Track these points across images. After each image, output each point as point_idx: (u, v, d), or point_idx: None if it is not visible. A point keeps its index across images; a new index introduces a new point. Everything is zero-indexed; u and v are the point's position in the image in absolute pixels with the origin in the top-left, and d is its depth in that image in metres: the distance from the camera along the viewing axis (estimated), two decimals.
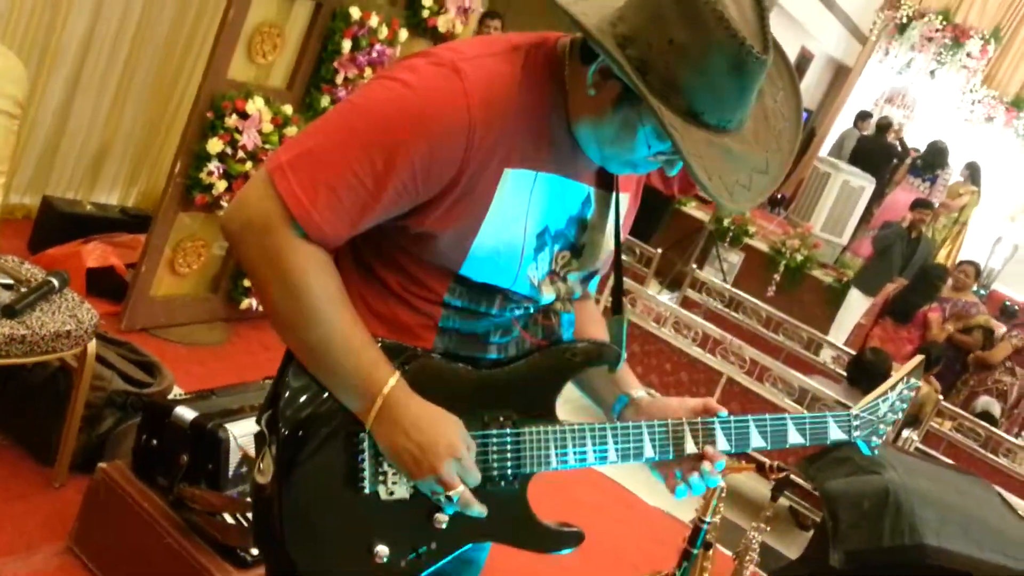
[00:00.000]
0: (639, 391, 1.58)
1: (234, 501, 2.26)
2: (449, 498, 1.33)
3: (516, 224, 1.33)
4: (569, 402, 1.53)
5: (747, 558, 2.67)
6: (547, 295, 1.44)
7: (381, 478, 1.36)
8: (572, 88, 1.31)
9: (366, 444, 1.35)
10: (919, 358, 1.73)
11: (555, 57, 1.32)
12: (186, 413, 2.33)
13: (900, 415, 1.66)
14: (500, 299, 1.39)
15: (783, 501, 4.88)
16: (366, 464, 1.35)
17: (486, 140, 1.25)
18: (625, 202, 1.52)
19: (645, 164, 1.33)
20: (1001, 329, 7.24)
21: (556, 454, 1.43)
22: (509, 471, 1.42)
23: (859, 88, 13.41)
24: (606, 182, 1.45)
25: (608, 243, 1.49)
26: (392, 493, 1.36)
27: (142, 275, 3.67)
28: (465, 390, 1.40)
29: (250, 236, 1.28)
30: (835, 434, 1.57)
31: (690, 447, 1.47)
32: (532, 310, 1.44)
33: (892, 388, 1.65)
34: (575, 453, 1.43)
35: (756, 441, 1.51)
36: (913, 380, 1.69)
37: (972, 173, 10.65)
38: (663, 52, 1.18)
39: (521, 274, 1.37)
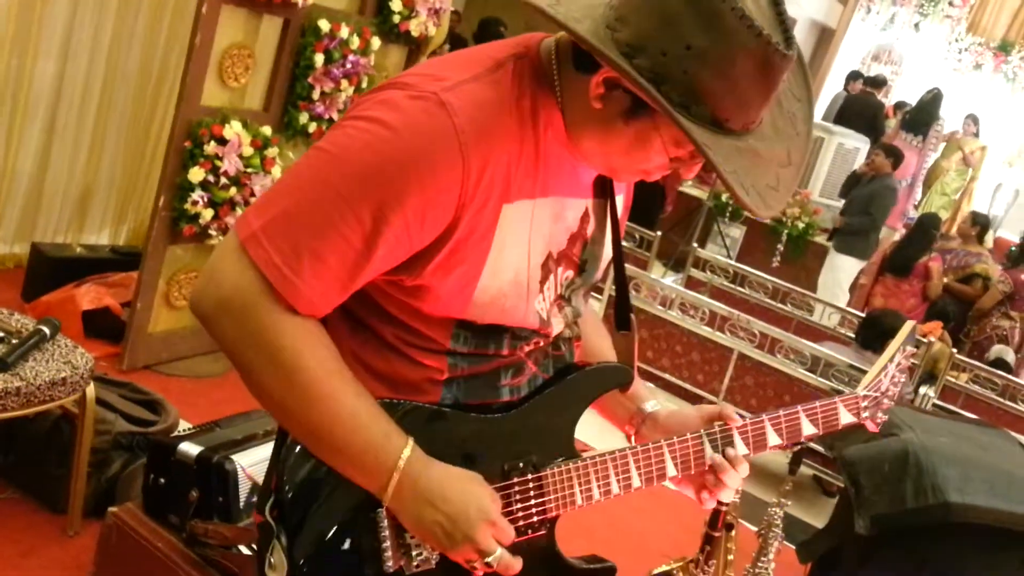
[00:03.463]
0: (653, 404, 1.53)
1: (248, 532, 2.24)
2: (488, 564, 1.24)
3: (519, 259, 1.24)
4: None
5: (771, 535, 2.64)
6: (556, 325, 1.36)
7: (403, 551, 1.27)
8: (568, 100, 1.20)
9: (386, 520, 1.25)
10: (910, 324, 1.69)
11: (541, 66, 1.22)
12: (190, 448, 2.31)
13: (900, 387, 1.63)
14: (509, 338, 1.30)
15: (806, 469, 4.84)
16: (388, 541, 1.26)
17: (482, 179, 1.14)
18: (620, 204, 1.44)
19: (657, 171, 1.24)
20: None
21: (580, 491, 1.36)
22: (535, 518, 1.34)
23: (844, 49, 13.33)
24: (602, 190, 1.37)
25: (608, 252, 1.42)
26: (418, 566, 1.28)
27: (138, 312, 3.65)
28: (481, 441, 1.31)
29: (227, 318, 1.14)
30: (845, 418, 1.54)
31: (710, 454, 1.43)
32: (543, 344, 1.36)
33: (891, 360, 1.62)
34: (600, 486, 1.37)
35: (772, 439, 1.47)
36: (909, 347, 1.65)
37: (976, 126, 10.56)
38: (680, 60, 1.06)
39: (529, 310, 1.29)
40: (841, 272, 7.72)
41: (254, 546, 2.25)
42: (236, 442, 2.35)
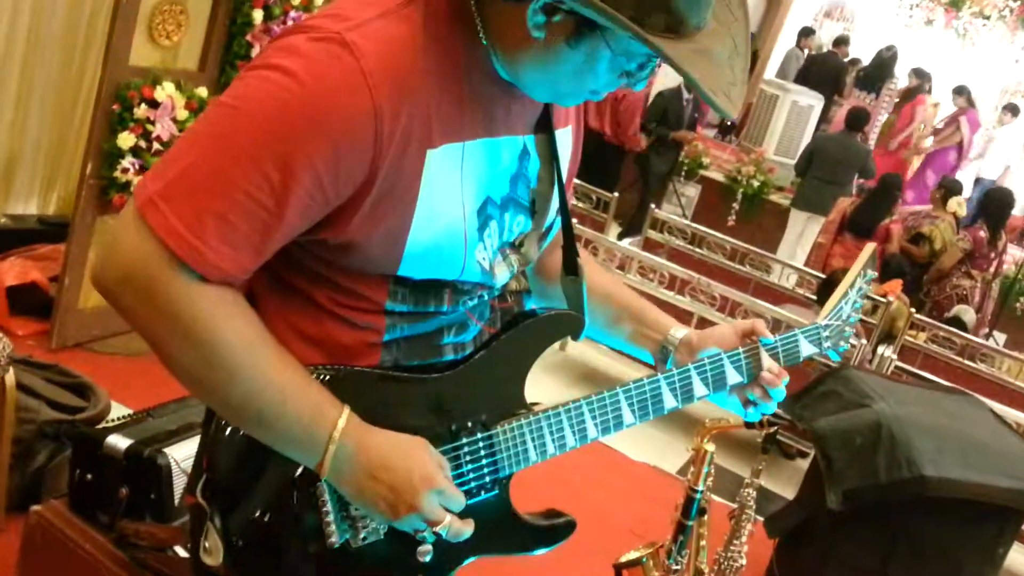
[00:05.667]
0: (679, 330, 1.48)
1: (183, 532, 2.07)
2: (437, 533, 1.18)
3: (452, 207, 1.16)
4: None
5: (743, 516, 2.52)
6: (501, 275, 1.28)
7: (349, 524, 1.20)
8: (497, 33, 1.12)
9: (327, 494, 1.18)
10: (871, 246, 1.65)
11: (457, 1, 1.14)
12: (119, 442, 2.14)
13: (859, 311, 1.61)
14: (449, 293, 1.22)
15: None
16: (331, 515, 1.18)
17: (397, 123, 1.06)
18: (569, 137, 1.37)
19: (606, 88, 1.18)
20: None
21: (534, 447, 1.30)
22: (487, 478, 1.28)
23: (797, 5, 13.25)
24: (542, 125, 1.29)
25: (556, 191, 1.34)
26: (365, 538, 1.21)
27: (67, 287, 3.45)
28: (424, 404, 1.23)
29: (131, 292, 1.05)
30: (807, 350, 1.52)
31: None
32: (487, 297, 1.28)
33: (851, 286, 1.58)
34: (554, 440, 1.31)
35: (732, 378, 1.43)
36: (869, 272, 1.61)
37: (923, 80, 10.54)
38: None
39: (469, 260, 1.20)
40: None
41: (190, 547, 2.10)
42: (170, 433, 2.19)
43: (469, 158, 1.17)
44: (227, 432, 1.16)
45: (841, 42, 11.44)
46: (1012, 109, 10.84)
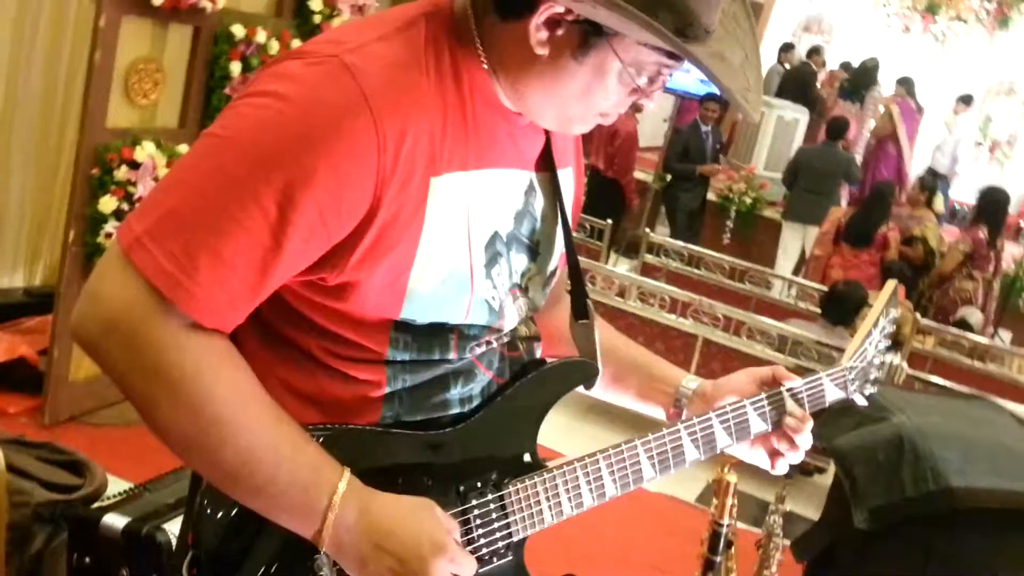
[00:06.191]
0: (691, 380, 1.40)
1: None
2: None
3: (458, 242, 1.09)
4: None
5: (771, 545, 2.44)
6: (510, 319, 1.20)
7: None
8: (498, 56, 1.07)
9: (326, 568, 1.08)
10: (892, 283, 1.57)
11: (457, 24, 1.08)
12: (116, 521, 2.06)
13: (884, 353, 1.55)
14: (456, 338, 1.14)
15: None
16: None
17: (401, 149, 1.00)
18: (570, 177, 1.30)
19: (615, 109, 1.13)
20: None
21: (549, 507, 1.20)
22: (500, 544, 1.18)
23: (774, 22, 13.33)
24: (545, 163, 1.23)
25: (560, 232, 1.28)
26: None
27: (56, 360, 3.38)
28: (430, 463, 1.15)
29: (114, 342, 0.97)
30: (833, 394, 1.43)
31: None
32: (495, 344, 1.20)
33: (874, 325, 1.50)
34: (571, 499, 1.22)
35: (757, 426, 1.35)
36: (892, 311, 1.54)
37: (908, 88, 10.57)
38: None
39: (476, 301, 1.13)
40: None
41: None
42: (169, 507, 2.11)
43: (475, 188, 1.10)
44: (215, 500, 1.07)
45: (814, 52, 11.51)
46: (965, 100, 10.85)
